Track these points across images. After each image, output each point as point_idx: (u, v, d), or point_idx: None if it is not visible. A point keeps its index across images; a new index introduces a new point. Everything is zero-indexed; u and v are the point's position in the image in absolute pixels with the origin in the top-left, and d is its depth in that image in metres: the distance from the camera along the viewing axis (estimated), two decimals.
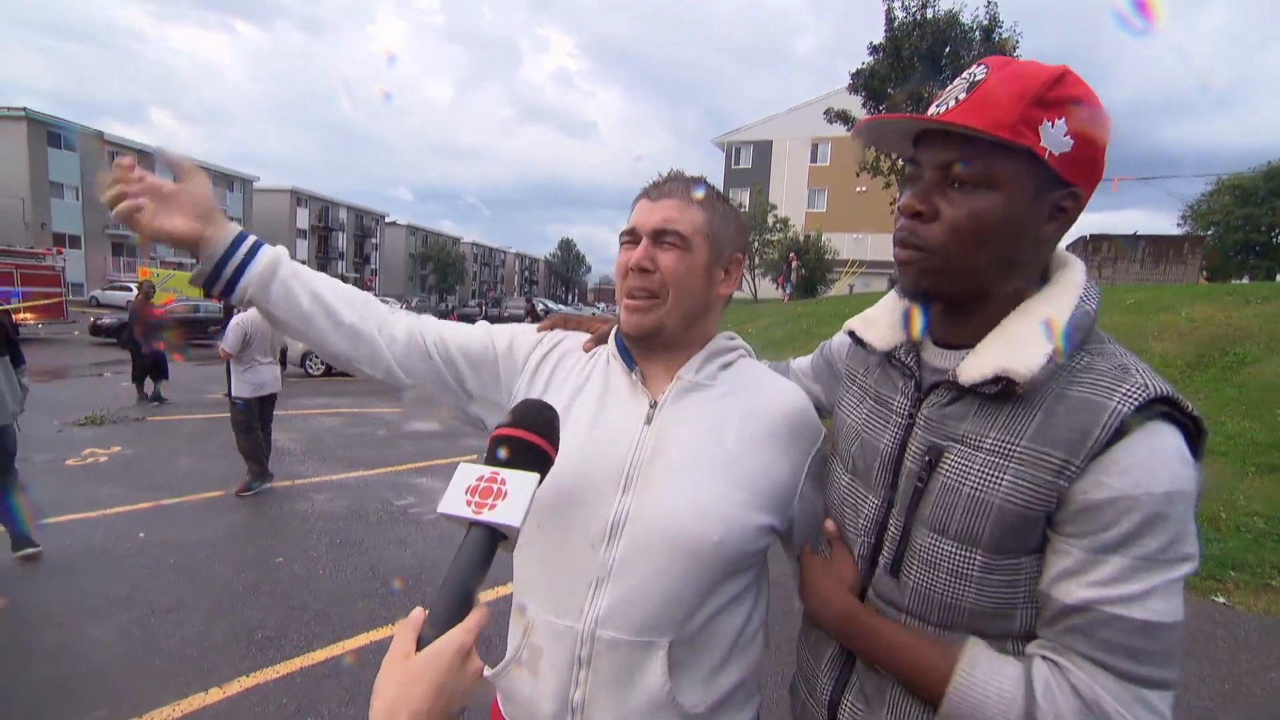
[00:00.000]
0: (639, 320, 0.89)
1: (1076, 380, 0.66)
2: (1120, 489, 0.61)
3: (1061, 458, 0.64)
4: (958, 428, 0.71)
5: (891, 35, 18.02)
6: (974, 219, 0.68)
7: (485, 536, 0.60)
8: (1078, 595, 0.62)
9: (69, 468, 5.58)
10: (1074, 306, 0.69)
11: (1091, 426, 0.63)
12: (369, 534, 4.33)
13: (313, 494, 5.15)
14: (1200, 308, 8.43)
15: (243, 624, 3.10)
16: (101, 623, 3.08)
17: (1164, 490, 0.60)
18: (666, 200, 0.90)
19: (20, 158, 31.88)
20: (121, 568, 3.68)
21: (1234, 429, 5.69)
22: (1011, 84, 0.66)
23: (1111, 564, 0.61)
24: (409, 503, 4.99)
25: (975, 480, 0.68)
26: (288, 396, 9.51)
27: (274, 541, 4.14)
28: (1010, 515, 0.66)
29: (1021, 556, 0.67)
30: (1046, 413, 0.66)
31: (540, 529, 0.87)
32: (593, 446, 0.87)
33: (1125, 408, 0.62)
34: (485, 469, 0.63)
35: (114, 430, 7.04)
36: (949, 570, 0.70)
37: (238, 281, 0.87)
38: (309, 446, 6.67)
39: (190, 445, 6.43)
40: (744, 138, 37.87)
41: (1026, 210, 0.68)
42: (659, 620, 0.83)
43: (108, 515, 4.49)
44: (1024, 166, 0.66)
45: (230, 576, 3.62)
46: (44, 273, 17.09)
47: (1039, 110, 0.65)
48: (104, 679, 2.65)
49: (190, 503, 4.83)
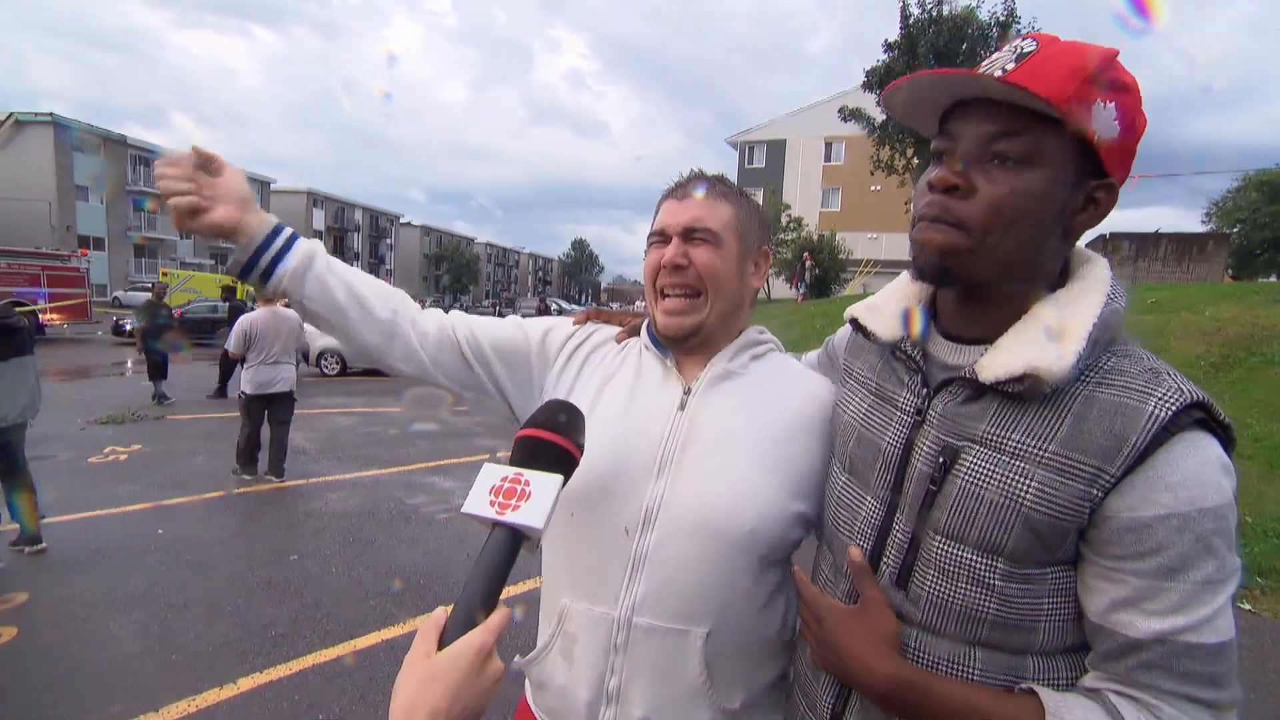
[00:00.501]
0: (679, 323, 0.89)
1: (1106, 383, 0.62)
2: (1171, 506, 0.58)
3: (1095, 465, 0.60)
4: (976, 428, 0.67)
5: (907, 32, 17.82)
6: (1017, 197, 0.63)
7: (508, 537, 0.60)
8: (1147, 628, 0.59)
9: (91, 465, 5.69)
10: (1103, 304, 0.65)
11: (1128, 432, 0.59)
12: (381, 533, 4.36)
13: (326, 492, 5.20)
14: (1225, 307, 8.24)
15: (256, 621, 3.14)
16: (120, 618, 3.13)
17: (1215, 505, 0.58)
18: (693, 199, 0.90)
19: (47, 162, 32.63)
20: (140, 564, 3.74)
21: (1260, 431, 5.55)
22: (1067, 58, 0.62)
23: (1175, 591, 0.58)
24: (421, 502, 5.01)
25: (998, 485, 0.64)
26: (302, 396, 9.64)
27: (288, 539, 4.19)
28: (1039, 524, 0.62)
29: (1047, 568, 0.63)
30: (1076, 416, 0.62)
31: (573, 518, 0.87)
32: (626, 434, 0.87)
33: (1164, 413, 0.59)
34: (509, 470, 0.63)
35: (134, 428, 7.17)
36: (969, 579, 0.66)
37: (274, 271, 0.88)
38: (323, 445, 6.74)
39: (208, 444, 6.52)
40: (757, 137, 37.68)
41: (1065, 196, 0.64)
42: (695, 607, 0.82)
43: (127, 512, 4.57)
44: (1071, 147, 0.63)
45: (244, 574, 3.66)
46: (69, 274, 17.46)
47: (1094, 89, 0.61)
48: (122, 673, 2.69)
49: (207, 500, 4.90)
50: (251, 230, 0.87)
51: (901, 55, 17.93)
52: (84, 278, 17.99)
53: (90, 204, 34.74)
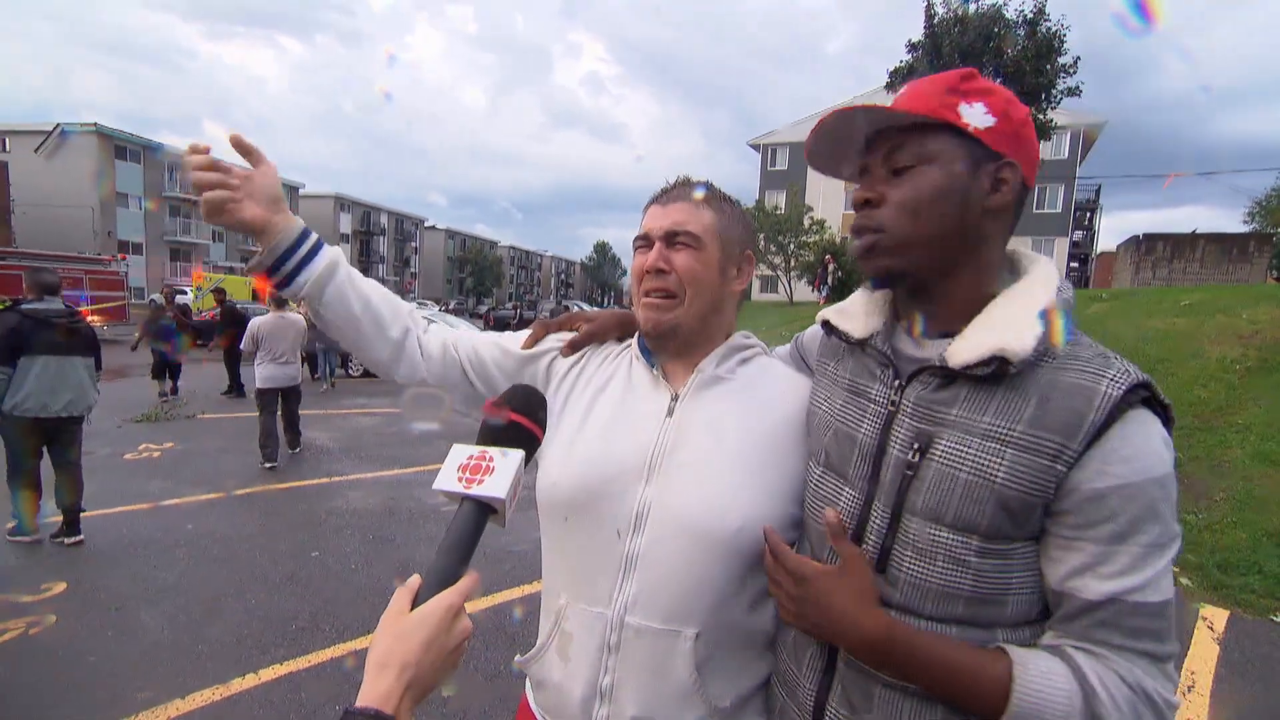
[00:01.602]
0: (657, 318, 0.91)
1: (1065, 366, 0.69)
2: (1125, 477, 0.64)
3: (1058, 441, 0.65)
4: (948, 413, 0.72)
5: (931, 32, 17.57)
6: (916, 191, 0.73)
7: (475, 510, 0.64)
8: (1100, 589, 0.65)
9: (126, 462, 5.92)
10: (1052, 295, 0.72)
11: (1086, 409, 0.65)
12: (401, 531, 4.45)
13: (349, 491, 5.32)
14: (1264, 309, 7.95)
15: (279, 614, 3.24)
16: (151, 609, 3.26)
17: (1160, 475, 0.64)
18: (676, 204, 0.93)
19: (91, 170, 33.90)
20: (171, 557, 3.88)
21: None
22: (927, 84, 0.76)
23: (1125, 554, 0.64)
24: (441, 501, 5.03)
25: (972, 465, 0.69)
26: (328, 396, 9.91)
27: (311, 536, 4.30)
28: (1010, 500, 0.67)
29: (1015, 543, 0.68)
30: (1040, 397, 0.67)
31: (569, 524, 0.90)
32: (616, 440, 0.90)
33: (1115, 391, 0.65)
34: (475, 449, 0.67)
35: (167, 427, 7.44)
36: (946, 557, 0.69)
37: (296, 276, 0.90)
38: (347, 445, 6.90)
39: (237, 442, 6.72)
40: (779, 139, 37.44)
41: (965, 181, 0.73)
42: (685, 609, 0.84)
43: (159, 507, 4.74)
44: (953, 141, 0.73)
45: (268, 569, 3.77)
46: (109, 277, 18.15)
47: (955, 96, 0.73)
48: (153, 661, 2.80)
49: (235, 497, 5.05)
50: (278, 233, 0.88)
51: (925, 55, 17.67)
52: (122, 281, 18.66)
53: (130, 210, 35.99)
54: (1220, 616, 3.45)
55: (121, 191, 35.40)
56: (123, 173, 35.50)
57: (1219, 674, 2.91)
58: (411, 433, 7.43)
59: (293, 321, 6.03)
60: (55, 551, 3.91)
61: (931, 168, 0.73)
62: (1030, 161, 0.75)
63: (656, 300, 0.91)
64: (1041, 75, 16.72)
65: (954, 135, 0.73)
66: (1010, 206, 0.75)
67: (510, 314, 25.51)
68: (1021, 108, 0.75)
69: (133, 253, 33.48)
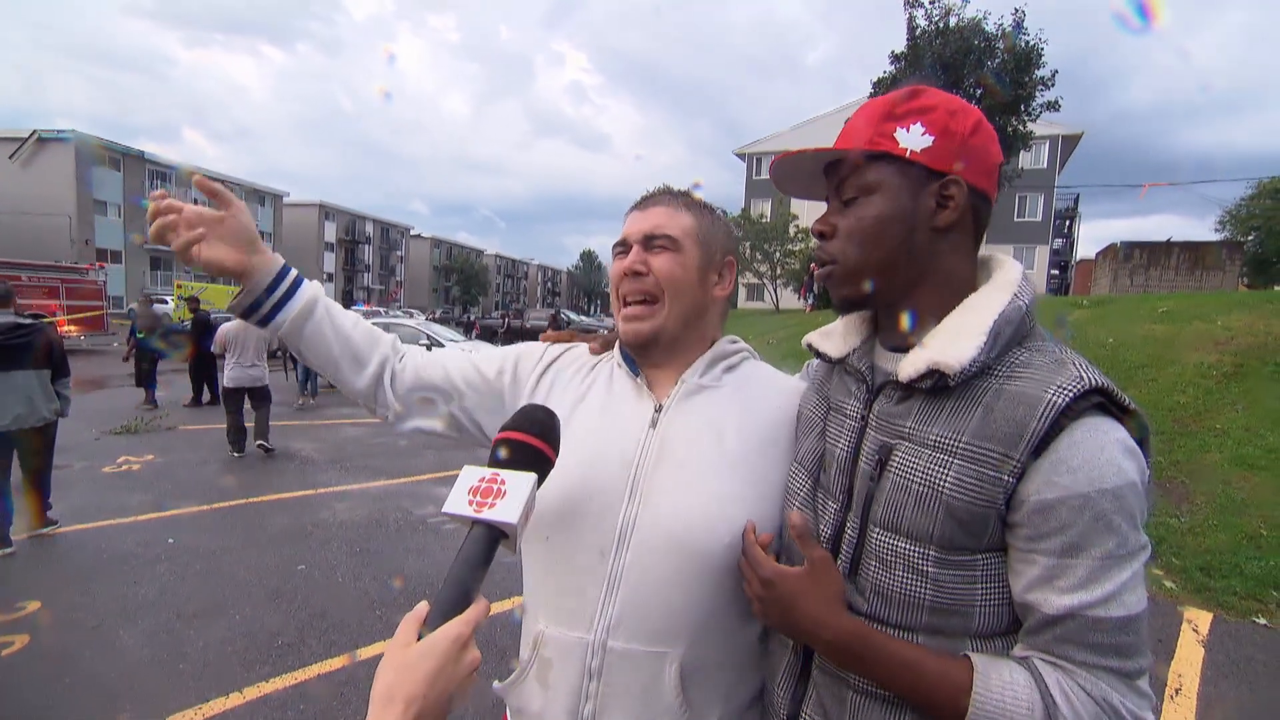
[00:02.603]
0: (637, 328, 0.90)
1: (1015, 375, 0.68)
2: (1071, 487, 0.62)
3: (1000, 452, 0.65)
4: (904, 425, 0.73)
5: (913, 43, 17.90)
6: (861, 221, 0.76)
7: (485, 535, 0.62)
8: (1058, 604, 0.63)
9: (105, 474, 5.77)
10: (1006, 303, 0.71)
11: (1028, 419, 0.64)
12: (388, 543, 4.38)
13: (334, 503, 5.23)
14: (1237, 315, 8.15)
15: (264, 630, 3.16)
16: (130, 626, 3.17)
17: (1113, 485, 0.62)
18: (655, 208, 0.93)
19: (68, 177, 33.32)
20: (151, 572, 3.78)
21: (1275, 441, 5.46)
22: (865, 112, 0.77)
23: (1080, 567, 0.63)
24: (428, 512, 5.03)
25: (922, 476, 0.69)
26: (312, 408, 9.77)
27: (296, 549, 4.22)
28: (958, 511, 0.67)
29: (977, 554, 0.68)
30: (986, 408, 0.67)
31: (549, 541, 0.87)
32: (597, 454, 0.87)
33: (1060, 399, 0.64)
34: (486, 470, 0.66)
35: (147, 439, 7.27)
36: (905, 567, 0.70)
37: (274, 316, 0.90)
38: (332, 456, 6.80)
39: (218, 454, 6.59)
40: (764, 148, 37.84)
41: (908, 205, 0.74)
42: (671, 629, 0.82)
43: (139, 521, 4.63)
44: (891, 168, 0.75)
45: (252, 583, 3.69)
46: (87, 286, 17.78)
47: (890, 123, 0.75)
48: (131, 681, 2.72)
49: (216, 510, 4.95)
50: (256, 274, 0.88)
51: (908, 66, 17.99)
52: (101, 290, 18.30)
53: (108, 218, 35.41)
54: (1204, 619, 3.50)
55: (99, 199, 34.83)
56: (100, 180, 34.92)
57: (1205, 676, 2.95)
58: (398, 444, 7.34)
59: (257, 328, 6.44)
60: (29, 568, 3.80)
61: (873, 198, 0.75)
62: (984, 169, 0.75)
63: (636, 309, 0.90)
64: (1021, 88, 17.09)
65: (891, 162, 0.74)
66: (963, 220, 0.75)
67: (498, 322, 25.30)
68: (968, 116, 0.75)
69: (112, 261, 32.89)
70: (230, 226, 0.87)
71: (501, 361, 1.03)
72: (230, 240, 0.87)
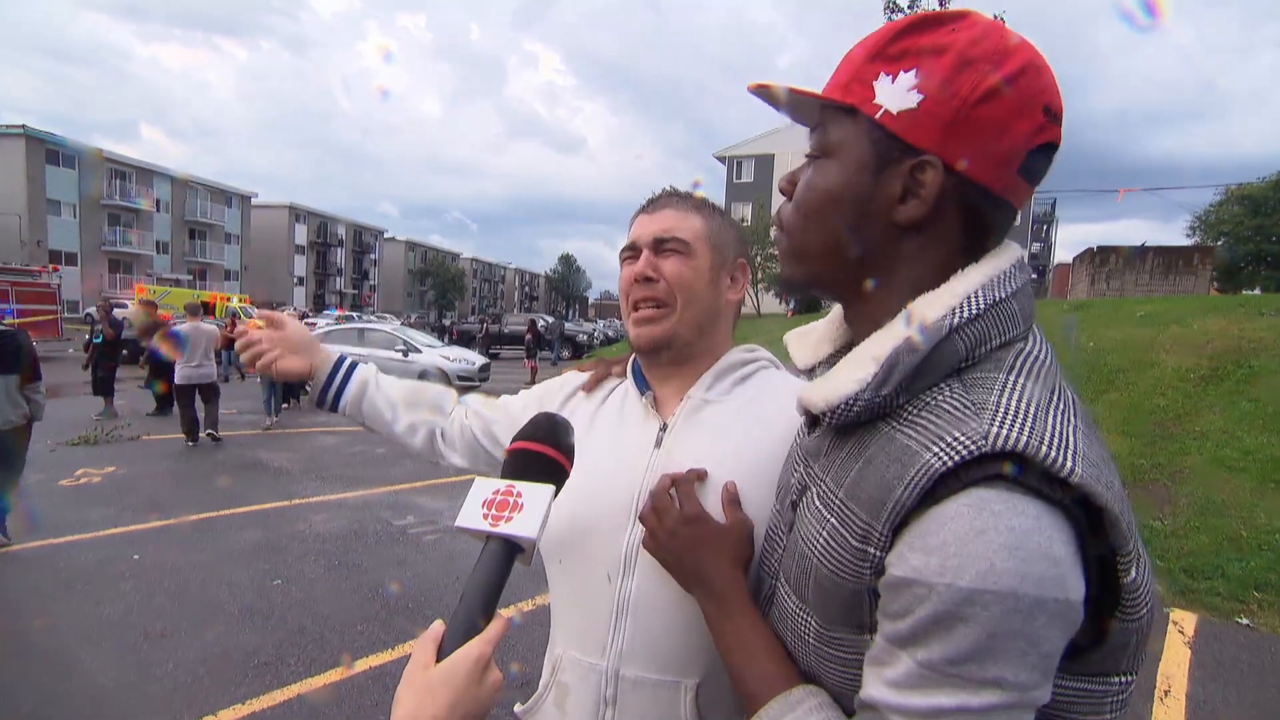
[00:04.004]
0: (649, 331, 0.88)
1: (914, 422, 0.52)
2: (919, 570, 0.47)
3: (865, 521, 0.52)
4: (815, 466, 0.62)
5: None
6: (808, 189, 0.60)
7: (502, 549, 0.61)
8: (870, 691, 0.52)
9: (62, 488, 5.58)
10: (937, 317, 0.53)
11: (895, 484, 0.50)
12: (368, 555, 4.30)
13: (311, 514, 5.12)
14: (1212, 320, 8.44)
15: (238, 649, 3.08)
16: (93, 648, 3.06)
17: (968, 586, 0.45)
18: (664, 211, 0.91)
19: (18, 175, 32.28)
20: (115, 591, 3.66)
21: (1251, 444, 5.66)
22: (863, 43, 0.58)
23: (900, 664, 0.49)
24: (409, 522, 4.96)
25: (806, 531, 0.59)
26: (286, 415, 9.55)
27: (271, 563, 4.12)
28: (824, 580, 0.55)
29: (864, 634, 0.54)
30: (867, 461, 0.54)
31: (561, 564, 0.88)
32: (603, 475, 0.87)
33: (940, 464, 0.47)
34: (501, 483, 0.64)
35: (108, 450, 7.04)
36: (791, 630, 0.61)
37: (338, 402, 1.10)
38: (307, 466, 6.66)
39: (186, 464, 6.43)
40: (745, 151, 38.31)
41: (866, 183, 0.56)
42: (684, 657, 0.80)
43: (101, 537, 4.47)
44: (857, 129, 0.56)
45: (225, 600, 3.59)
46: (40, 290, 17.22)
47: (877, 64, 0.55)
48: (97, 706, 2.62)
49: (186, 524, 4.81)
50: (317, 372, 1.08)
51: None
52: (55, 294, 17.73)
53: (63, 218, 34.38)
54: (1189, 620, 3.60)
55: (53, 198, 33.81)
56: (54, 179, 33.91)
57: (1193, 677, 3.03)
58: (376, 451, 7.22)
59: (206, 331, 7.56)
60: None
61: (829, 163, 0.58)
62: (992, 154, 0.53)
63: (647, 312, 0.88)
64: None
65: (857, 120, 0.56)
66: (941, 219, 0.55)
67: (475, 327, 24.96)
68: (984, 71, 0.52)
69: (66, 263, 31.90)
70: (290, 339, 1.08)
71: (527, 397, 1.10)
72: (296, 350, 1.08)
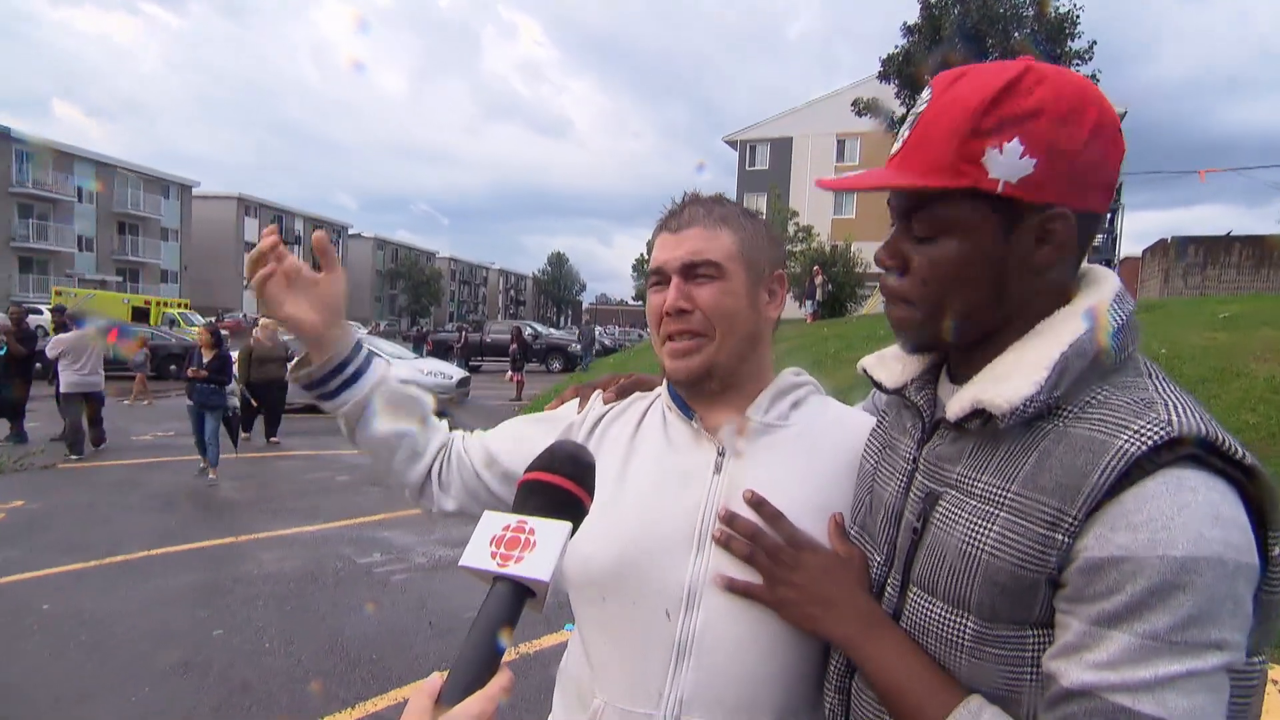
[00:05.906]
0: (687, 365, 0.92)
1: (1085, 416, 0.65)
2: (1126, 547, 0.58)
3: (1055, 507, 0.62)
4: (953, 471, 0.72)
5: (928, 13, 18.39)
6: (937, 268, 0.71)
7: (511, 592, 0.61)
8: (1077, 677, 0.60)
9: None
10: (1083, 331, 0.67)
11: (1090, 470, 0.61)
12: (326, 599, 4.28)
13: (259, 552, 5.08)
14: None
15: (170, 712, 3.01)
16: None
17: (1182, 554, 0.56)
18: (690, 230, 0.93)
19: None
20: (18, 649, 3.58)
21: None
22: (946, 115, 0.68)
23: (1115, 641, 0.58)
24: (374, 560, 4.92)
25: (963, 531, 0.68)
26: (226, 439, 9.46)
27: (211, 611, 4.07)
28: (999, 574, 0.65)
29: (1026, 629, 0.65)
30: (1042, 454, 0.65)
31: (606, 605, 0.90)
32: (657, 504, 0.90)
33: (1135, 448, 0.59)
34: (512, 518, 0.65)
35: (16, 480, 6.96)
36: (938, 637, 0.70)
37: (339, 394, 1.00)
38: (257, 495, 6.64)
39: (111, 497, 6.36)
40: (759, 135, 38.57)
41: (1000, 248, 0.69)
42: (753, 700, 0.83)
43: (4, 585, 4.38)
44: (976, 206, 0.68)
45: (155, 654, 3.53)
46: None
47: (978, 140, 0.66)
48: None
49: (109, 566, 4.73)
50: (331, 347, 0.98)
51: (923, 39, 18.45)
52: None
53: None
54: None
55: None
56: None
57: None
58: (337, 479, 7.16)
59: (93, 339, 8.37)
60: None
61: (950, 241, 0.70)
62: (1098, 184, 0.69)
63: (684, 344, 0.92)
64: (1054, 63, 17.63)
65: (977, 198, 0.68)
66: (1065, 251, 0.70)
67: (454, 336, 24.79)
68: (1083, 119, 0.66)
69: None
70: (324, 291, 0.97)
71: (553, 421, 1.09)
72: (318, 305, 0.96)
